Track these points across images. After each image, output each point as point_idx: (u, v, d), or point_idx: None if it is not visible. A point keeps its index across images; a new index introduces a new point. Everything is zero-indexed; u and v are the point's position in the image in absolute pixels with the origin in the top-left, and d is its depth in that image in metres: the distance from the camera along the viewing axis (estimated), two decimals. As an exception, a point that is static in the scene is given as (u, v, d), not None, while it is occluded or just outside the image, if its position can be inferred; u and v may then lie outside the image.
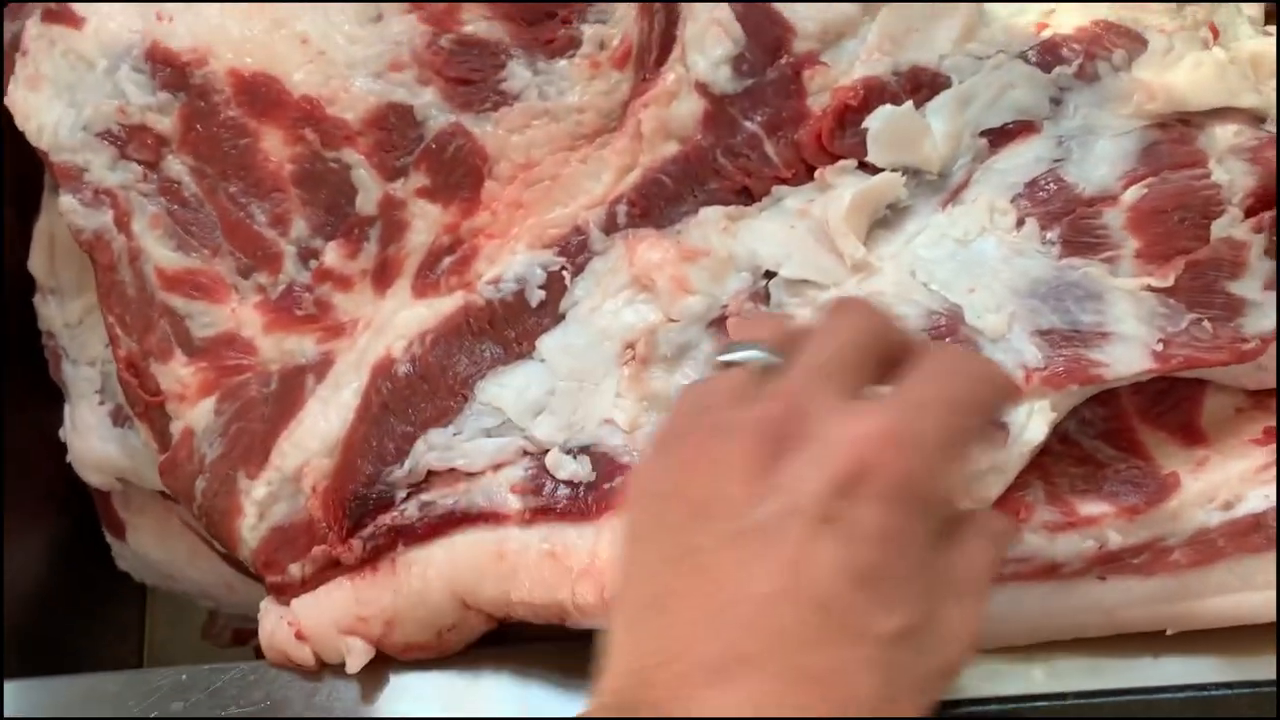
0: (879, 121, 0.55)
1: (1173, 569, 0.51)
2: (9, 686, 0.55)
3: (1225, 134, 0.53)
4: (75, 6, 0.62)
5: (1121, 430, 0.54)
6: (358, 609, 0.54)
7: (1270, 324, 0.51)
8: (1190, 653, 0.51)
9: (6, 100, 0.62)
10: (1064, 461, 0.53)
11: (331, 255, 0.59)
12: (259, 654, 0.77)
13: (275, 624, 0.57)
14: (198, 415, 0.57)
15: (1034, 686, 0.51)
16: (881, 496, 0.36)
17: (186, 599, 0.74)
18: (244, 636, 0.78)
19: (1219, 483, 0.52)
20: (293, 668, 0.56)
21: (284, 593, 0.56)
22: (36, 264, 0.69)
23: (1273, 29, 0.59)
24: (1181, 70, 0.54)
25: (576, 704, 0.53)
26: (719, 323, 0.54)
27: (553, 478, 0.52)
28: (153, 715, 0.54)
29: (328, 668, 0.56)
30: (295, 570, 0.55)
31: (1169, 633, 0.52)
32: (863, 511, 0.35)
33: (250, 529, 0.55)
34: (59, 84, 0.61)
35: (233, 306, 0.58)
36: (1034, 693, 0.51)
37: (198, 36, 0.61)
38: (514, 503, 0.52)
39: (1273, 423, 0.54)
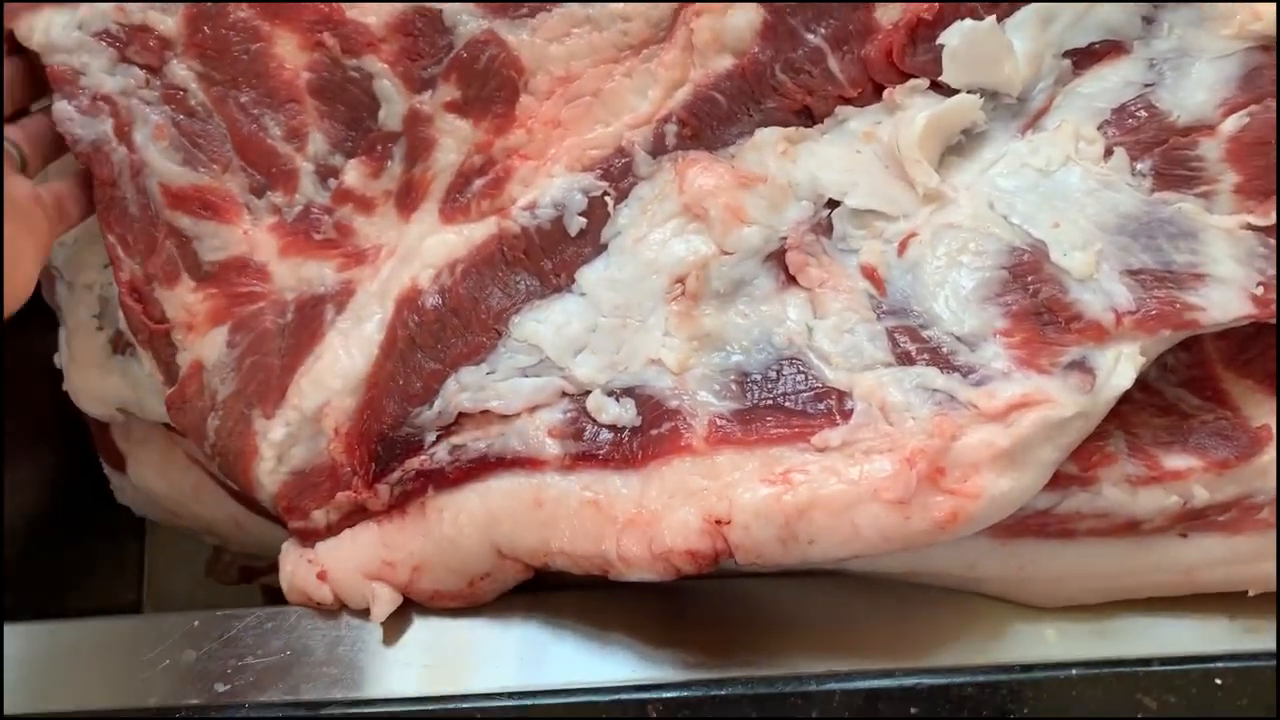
0: (957, 38, 0.50)
1: (1260, 527, 0.48)
2: (9, 631, 0.52)
3: (1337, 59, 0.49)
4: (65, -102, 0.56)
5: (1206, 378, 0.50)
6: (385, 553, 0.51)
7: (1380, 267, 0.47)
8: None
9: (-7, -2, 0.57)
10: (1146, 411, 0.50)
11: (352, 174, 0.54)
12: (266, 593, 0.75)
13: (297, 563, 0.53)
14: (207, 347, 0.52)
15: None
16: None
17: (189, 534, 0.71)
18: (251, 574, 0.75)
19: (1313, 438, 0.48)
20: (314, 607, 0.53)
21: (308, 538, 0.52)
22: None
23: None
24: (1290, -12, 0.50)
25: (611, 656, 0.51)
26: (777, 256, 0.50)
27: (594, 421, 0.49)
28: (164, 664, 0.50)
29: (350, 612, 0.52)
30: (319, 516, 0.52)
31: (1250, 594, 0.49)
32: None
33: (268, 473, 0.52)
34: (53, -20, 0.56)
35: (245, 228, 0.54)
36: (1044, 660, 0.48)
37: (203, -72, 0.55)
38: (552, 447, 0.48)
39: (1369, 371, 0.50)
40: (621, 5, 0.54)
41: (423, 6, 0.55)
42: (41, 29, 0.56)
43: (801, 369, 0.48)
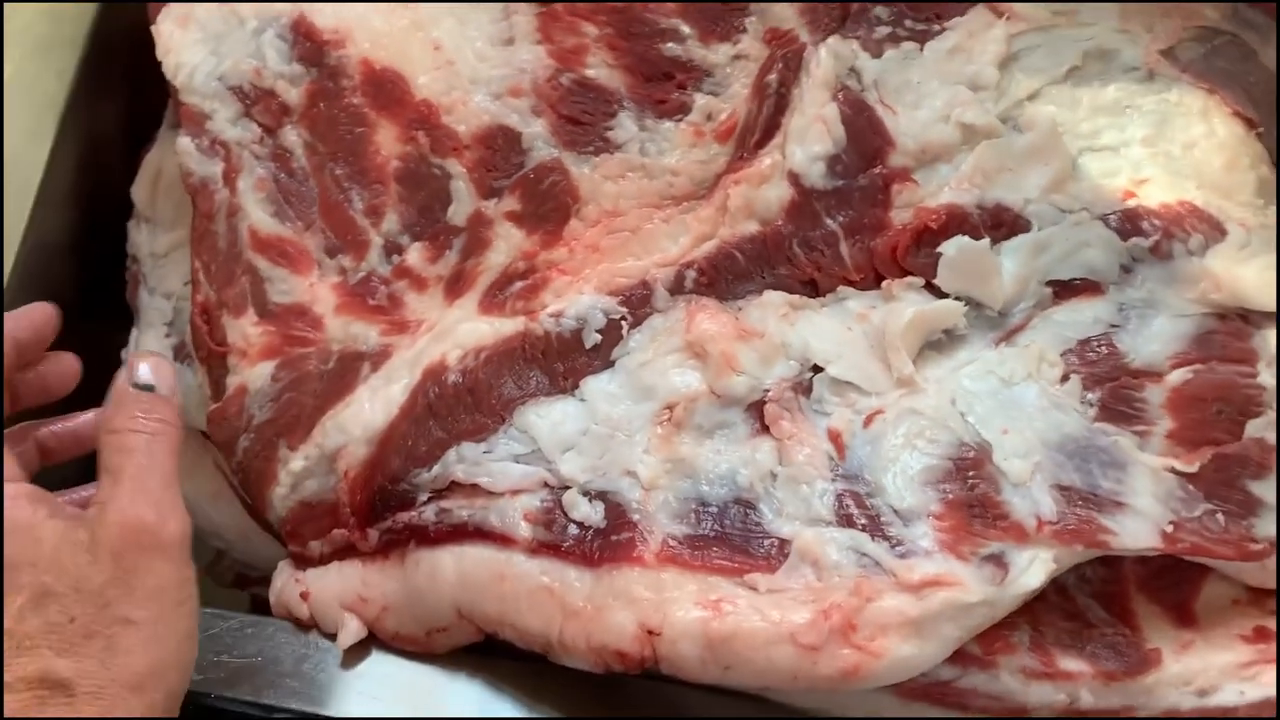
0: (954, 250, 0.57)
1: (1135, 741, 0.52)
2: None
3: (1281, 339, 0.55)
4: (245, -35, 0.65)
5: (1117, 595, 0.55)
6: (362, 590, 0.57)
7: (1283, 531, 0.52)
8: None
9: (153, 28, 0.66)
10: (1055, 613, 0.54)
11: (414, 255, 0.62)
12: (253, 602, 0.81)
13: (287, 582, 0.60)
14: (255, 375, 0.60)
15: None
16: None
17: (198, 534, 0.77)
18: (245, 582, 0.80)
19: (1199, 669, 0.53)
20: (292, 621, 0.59)
21: (302, 562, 0.59)
22: (139, 192, 0.72)
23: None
24: (1252, 268, 0.56)
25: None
26: (758, 405, 0.56)
27: (566, 515, 0.55)
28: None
29: (321, 634, 0.58)
30: (315, 546, 0.58)
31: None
32: None
33: (281, 498, 0.58)
34: (208, 30, 0.65)
35: (312, 281, 0.61)
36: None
37: (341, 19, 0.65)
38: (524, 530, 0.54)
39: (1265, 622, 0.55)
40: (673, 161, 0.62)
41: (506, 127, 0.63)
42: (187, 70, 0.65)
43: (754, 511, 0.54)
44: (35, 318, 0.54)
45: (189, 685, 0.49)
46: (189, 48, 0.64)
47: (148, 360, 0.52)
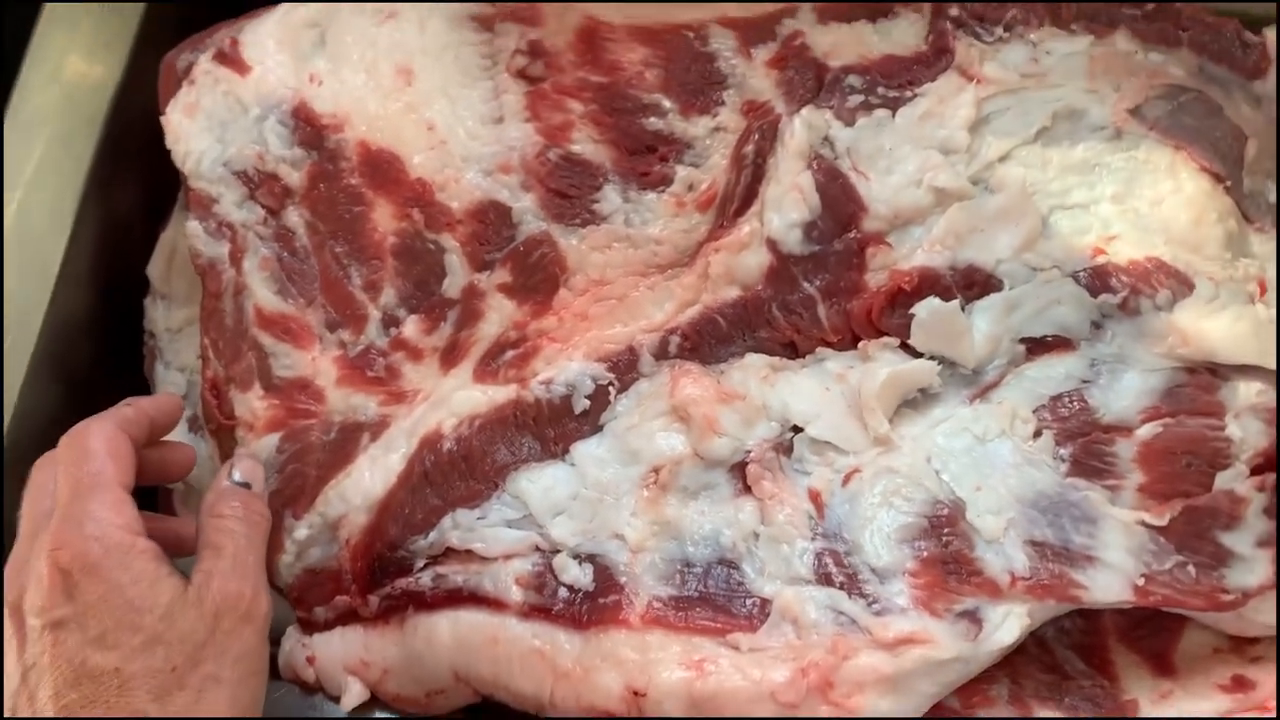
0: (925, 311, 0.59)
1: (1120, 789, 0.53)
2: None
3: (1249, 391, 0.56)
4: (246, 54, 0.69)
5: (1096, 646, 0.56)
6: (364, 654, 0.60)
7: (1254, 580, 0.53)
8: None
9: (163, 119, 0.69)
10: (1035, 665, 0.56)
11: (411, 327, 0.65)
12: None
13: (294, 646, 0.62)
14: (261, 447, 0.62)
15: None
16: None
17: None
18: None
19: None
20: (299, 684, 0.61)
21: (308, 627, 0.61)
22: (154, 269, 0.75)
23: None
24: (1220, 322, 0.57)
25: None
26: (740, 466, 0.58)
27: (556, 578, 0.57)
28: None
29: (326, 695, 0.61)
30: (320, 612, 0.61)
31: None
32: None
33: (287, 566, 0.61)
34: (213, 119, 0.68)
35: (314, 355, 0.64)
36: None
37: (339, 104, 0.68)
38: (516, 594, 0.56)
39: (1244, 670, 0.56)
40: (657, 231, 0.65)
41: (497, 202, 0.66)
42: (195, 158, 0.68)
43: (737, 571, 0.56)
44: (167, 404, 0.60)
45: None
46: (196, 135, 0.67)
47: (245, 462, 0.59)
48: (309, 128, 0.67)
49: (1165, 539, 0.54)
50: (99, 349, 0.75)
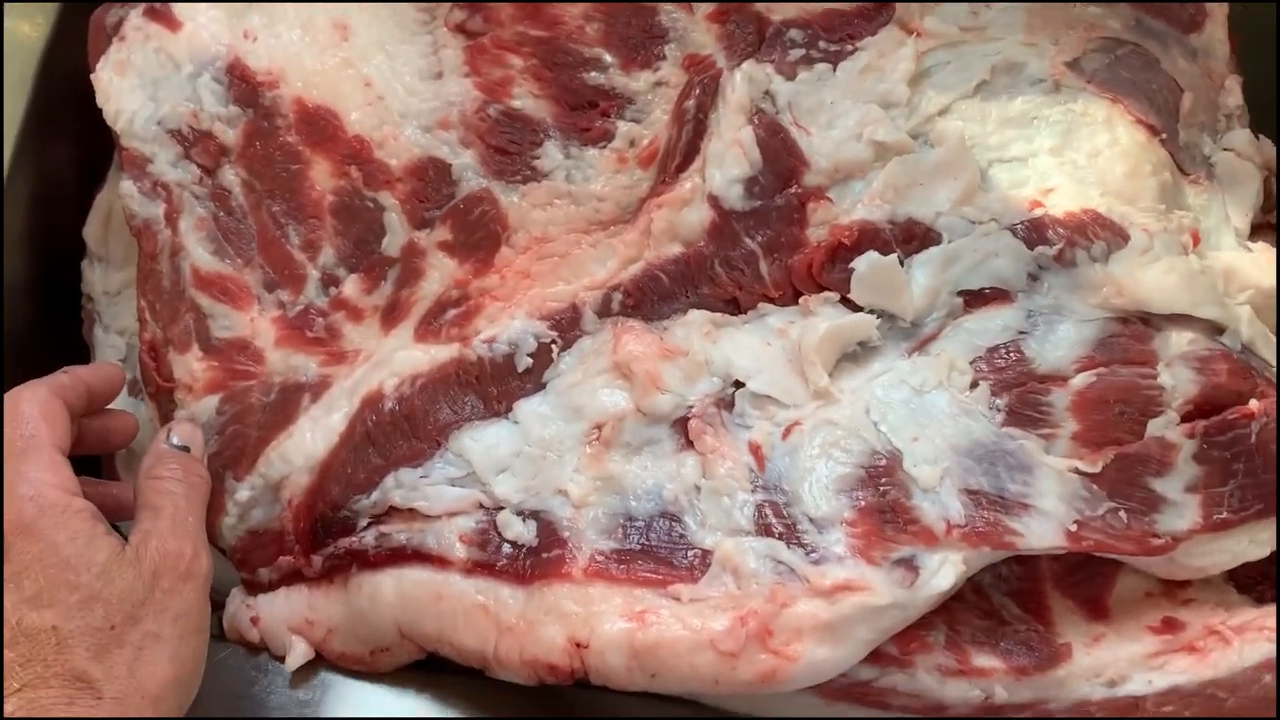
0: (865, 265, 0.59)
1: (1053, 732, 0.54)
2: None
3: (1180, 340, 0.57)
4: (176, 9, 0.67)
5: (1033, 592, 0.57)
6: (308, 613, 0.59)
7: (1184, 524, 0.54)
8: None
9: (93, 77, 0.68)
10: (972, 612, 0.57)
11: (350, 286, 0.64)
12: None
13: (238, 608, 0.62)
14: (201, 409, 0.62)
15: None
16: None
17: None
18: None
19: (1108, 661, 0.55)
20: (244, 644, 0.61)
21: (252, 588, 0.61)
22: (91, 232, 0.74)
23: (1254, 245, 0.63)
24: (1153, 272, 0.58)
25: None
26: (682, 421, 0.59)
27: (500, 535, 0.57)
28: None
29: (270, 655, 0.60)
30: (264, 573, 0.60)
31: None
32: None
33: (230, 527, 0.61)
34: (145, 77, 0.67)
35: (252, 316, 0.63)
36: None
37: (274, 60, 0.67)
38: (460, 551, 0.57)
39: (1174, 613, 0.57)
40: (599, 188, 0.64)
41: (437, 159, 0.65)
42: (127, 116, 0.67)
43: (679, 524, 0.56)
44: (108, 373, 0.60)
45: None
46: (128, 94, 0.66)
47: (183, 425, 0.60)
48: (244, 84, 0.66)
49: (1098, 486, 0.55)
50: (37, 313, 0.74)
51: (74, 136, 0.76)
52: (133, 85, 0.67)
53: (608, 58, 0.66)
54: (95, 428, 0.59)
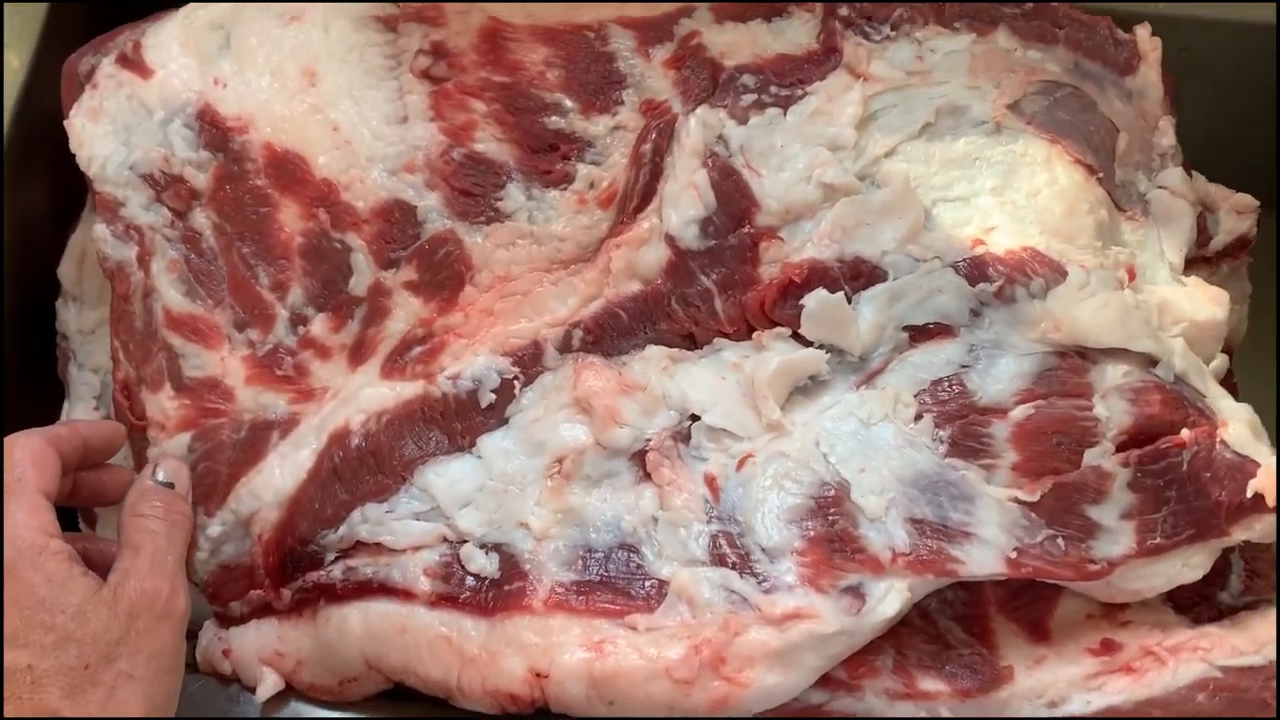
0: (814, 302, 0.62)
1: (989, 751, 0.56)
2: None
3: (1115, 373, 0.60)
4: (148, 58, 0.69)
5: (977, 616, 0.60)
6: (278, 645, 0.61)
7: (1119, 550, 0.57)
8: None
9: (66, 123, 0.70)
10: (919, 636, 0.59)
11: (319, 325, 0.66)
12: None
13: (210, 641, 0.63)
14: (173, 446, 0.63)
15: None
16: None
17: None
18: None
19: (1049, 682, 0.57)
20: (216, 676, 0.63)
21: (224, 621, 0.63)
22: (65, 271, 0.76)
23: (1187, 279, 0.66)
24: (1088, 308, 0.61)
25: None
26: (640, 455, 0.61)
27: (463, 568, 0.59)
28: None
29: (242, 686, 0.62)
30: (235, 607, 0.62)
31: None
32: None
33: (202, 563, 0.62)
34: (117, 122, 0.68)
35: (223, 355, 0.65)
36: None
37: (244, 106, 0.69)
38: (424, 584, 0.58)
39: (1113, 635, 0.59)
40: (560, 228, 0.66)
41: (402, 201, 0.67)
42: (100, 161, 0.68)
43: (636, 555, 0.58)
44: (108, 430, 0.61)
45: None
46: (100, 139, 0.68)
47: (169, 462, 0.61)
48: (214, 130, 0.68)
49: (1036, 514, 0.57)
50: (11, 350, 0.75)
51: (50, 177, 0.78)
52: (105, 131, 0.69)
53: (568, 102, 0.68)
54: (90, 480, 0.60)
